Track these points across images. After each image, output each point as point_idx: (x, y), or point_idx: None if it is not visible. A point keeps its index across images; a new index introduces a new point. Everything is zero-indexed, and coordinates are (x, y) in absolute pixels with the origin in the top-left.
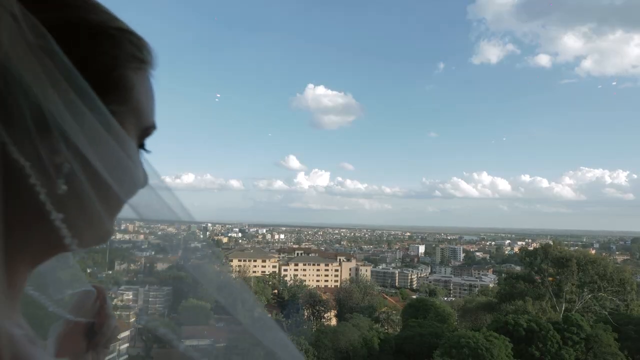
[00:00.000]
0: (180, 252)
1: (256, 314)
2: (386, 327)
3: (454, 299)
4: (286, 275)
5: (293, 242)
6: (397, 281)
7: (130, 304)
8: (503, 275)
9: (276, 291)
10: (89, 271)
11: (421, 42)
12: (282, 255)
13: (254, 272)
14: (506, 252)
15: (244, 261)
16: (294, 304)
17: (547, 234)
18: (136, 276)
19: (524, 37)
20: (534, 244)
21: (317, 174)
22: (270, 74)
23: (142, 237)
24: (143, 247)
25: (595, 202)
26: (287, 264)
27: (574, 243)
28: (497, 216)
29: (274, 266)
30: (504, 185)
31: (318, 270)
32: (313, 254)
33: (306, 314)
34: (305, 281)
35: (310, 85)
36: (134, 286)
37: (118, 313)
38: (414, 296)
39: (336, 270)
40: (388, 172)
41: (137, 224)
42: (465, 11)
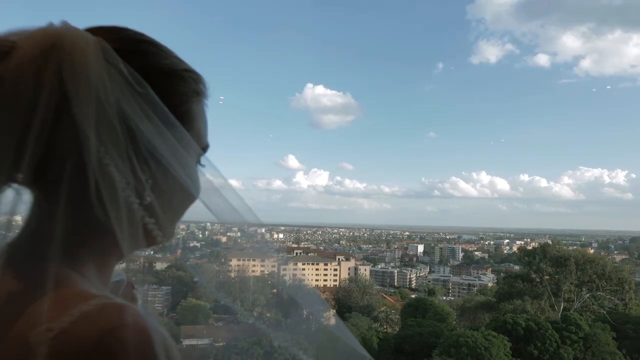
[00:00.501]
0: (180, 251)
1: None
2: (385, 327)
3: (452, 298)
4: (285, 275)
5: (292, 241)
6: (396, 280)
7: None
8: (502, 274)
9: (275, 290)
10: None
11: (420, 42)
12: (280, 254)
13: (253, 271)
14: (505, 252)
15: (243, 261)
16: (293, 303)
17: (545, 234)
18: (135, 275)
19: (523, 37)
20: (533, 244)
21: (316, 173)
22: (270, 73)
23: None
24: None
25: (593, 202)
26: (286, 264)
27: (572, 242)
28: (496, 216)
29: (272, 266)
30: (502, 184)
31: (317, 269)
32: (312, 254)
33: (305, 313)
34: (304, 281)
35: (310, 85)
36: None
37: None
38: (412, 295)
39: (335, 270)
40: (387, 171)
41: None
42: (464, 11)
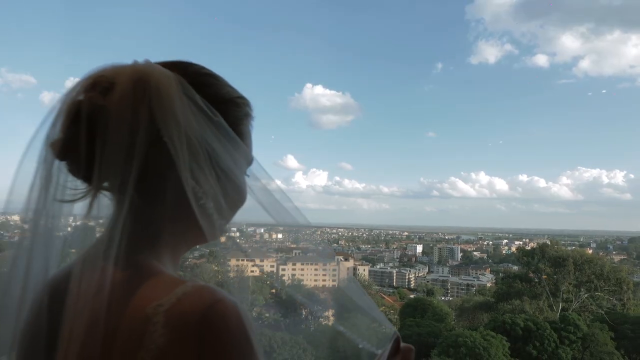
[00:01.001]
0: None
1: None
2: (383, 327)
3: (451, 298)
4: (284, 275)
5: (290, 241)
6: (394, 281)
7: None
8: (500, 274)
9: (274, 290)
10: None
11: (420, 42)
12: (279, 254)
13: (252, 271)
14: (504, 252)
15: (242, 261)
16: (292, 303)
17: (544, 234)
18: None
19: (522, 37)
20: (532, 244)
21: (315, 173)
22: (269, 73)
23: None
24: None
25: (592, 202)
26: (285, 264)
27: (571, 243)
28: (494, 216)
29: (271, 265)
30: (501, 185)
31: (316, 269)
32: (311, 254)
33: (304, 313)
34: (302, 280)
35: (309, 85)
36: None
37: None
38: (411, 295)
39: (334, 270)
40: (386, 171)
41: None
42: (463, 11)
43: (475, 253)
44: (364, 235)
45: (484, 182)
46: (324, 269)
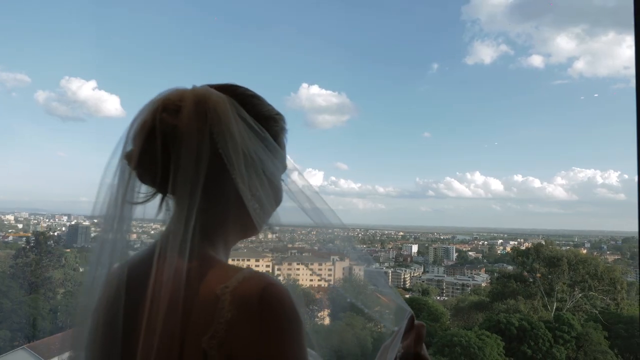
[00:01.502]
0: None
1: None
2: (379, 326)
3: (446, 298)
4: (280, 275)
5: (286, 241)
6: (390, 280)
7: None
8: (495, 274)
9: None
10: (81, 270)
11: (415, 42)
12: (275, 254)
13: None
14: (499, 252)
15: (238, 260)
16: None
17: (539, 234)
18: None
19: (517, 38)
20: (526, 244)
21: (310, 173)
22: (266, 73)
23: (134, 236)
24: (136, 246)
25: (586, 202)
26: (281, 264)
27: (565, 243)
28: (489, 216)
29: (267, 265)
30: (496, 185)
31: (311, 269)
32: (306, 254)
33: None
34: (298, 280)
35: (305, 85)
36: None
37: None
38: (407, 295)
39: (329, 270)
40: (382, 171)
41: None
42: (459, 12)
43: (470, 253)
44: (360, 235)
45: (479, 182)
46: (320, 269)
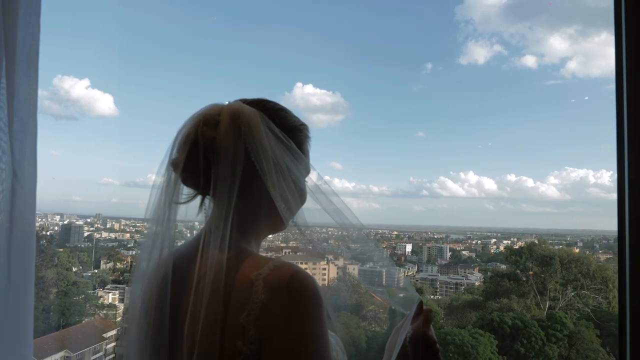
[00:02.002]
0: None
1: None
2: (373, 326)
3: (440, 297)
4: None
5: (280, 241)
6: (384, 280)
7: (117, 302)
8: (489, 273)
9: None
10: (74, 270)
11: (410, 42)
12: (269, 254)
13: None
14: (492, 251)
15: None
16: None
17: (532, 233)
18: (122, 275)
19: (510, 38)
20: (520, 243)
21: None
22: (260, 72)
23: (127, 235)
24: (129, 245)
25: (579, 202)
26: None
27: (558, 242)
28: (483, 215)
29: None
30: (490, 184)
31: (305, 269)
32: (300, 253)
33: None
34: None
35: (299, 84)
36: (120, 285)
37: (104, 312)
38: (400, 295)
39: (324, 269)
40: (376, 171)
41: (122, 222)
42: (453, 12)
43: (464, 252)
44: (354, 234)
45: (472, 181)
46: (314, 268)
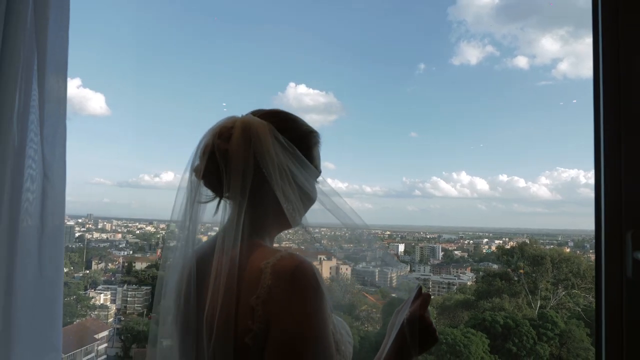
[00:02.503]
0: (160, 250)
1: None
2: (366, 325)
3: (433, 297)
4: None
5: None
6: (376, 280)
7: (108, 303)
8: (481, 273)
9: None
10: (65, 270)
11: (403, 43)
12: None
13: None
14: (484, 251)
15: None
16: None
17: (523, 233)
18: (114, 276)
19: (503, 39)
20: (511, 243)
21: None
22: (253, 72)
23: (119, 236)
24: (121, 246)
25: (570, 202)
26: None
27: (549, 242)
28: (475, 215)
29: None
30: (482, 185)
31: None
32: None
33: None
34: None
35: (292, 84)
36: (112, 286)
37: (96, 313)
38: (393, 294)
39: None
40: (369, 171)
41: (114, 222)
42: (446, 13)
43: (456, 252)
44: (347, 234)
45: (465, 181)
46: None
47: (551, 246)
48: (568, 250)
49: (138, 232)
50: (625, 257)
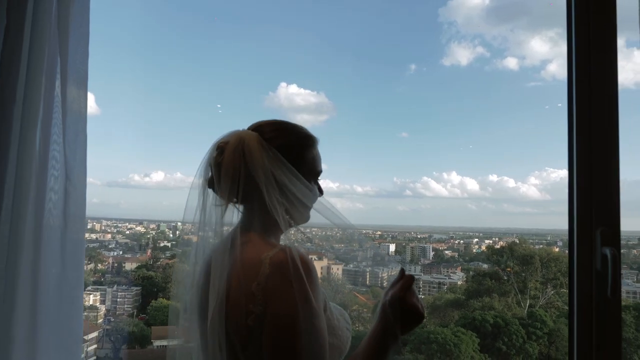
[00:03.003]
0: (150, 251)
1: None
2: (357, 325)
3: (423, 296)
4: None
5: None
6: (367, 280)
7: (98, 304)
8: (471, 272)
9: None
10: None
11: (394, 43)
12: None
13: None
14: (474, 251)
15: None
16: None
17: (513, 233)
18: (103, 276)
19: (493, 40)
20: (501, 243)
21: None
22: (244, 71)
23: (109, 236)
24: (110, 246)
25: (559, 202)
26: None
27: (539, 241)
28: (465, 215)
29: None
30: (472, 185)
31: None
32: None
33: None
34: None
35: (283, 84)
36: (102, 286)
37: (85, 314)
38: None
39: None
40: (360, 171)
41: (104, 223)
42: (436, 13)
43: (446, 252)
44: (338, 234)
45: (455, 182)
46: None
47: (540, 246)
48: (557, 249)
49: (128, 232)
50: (595, 252)
